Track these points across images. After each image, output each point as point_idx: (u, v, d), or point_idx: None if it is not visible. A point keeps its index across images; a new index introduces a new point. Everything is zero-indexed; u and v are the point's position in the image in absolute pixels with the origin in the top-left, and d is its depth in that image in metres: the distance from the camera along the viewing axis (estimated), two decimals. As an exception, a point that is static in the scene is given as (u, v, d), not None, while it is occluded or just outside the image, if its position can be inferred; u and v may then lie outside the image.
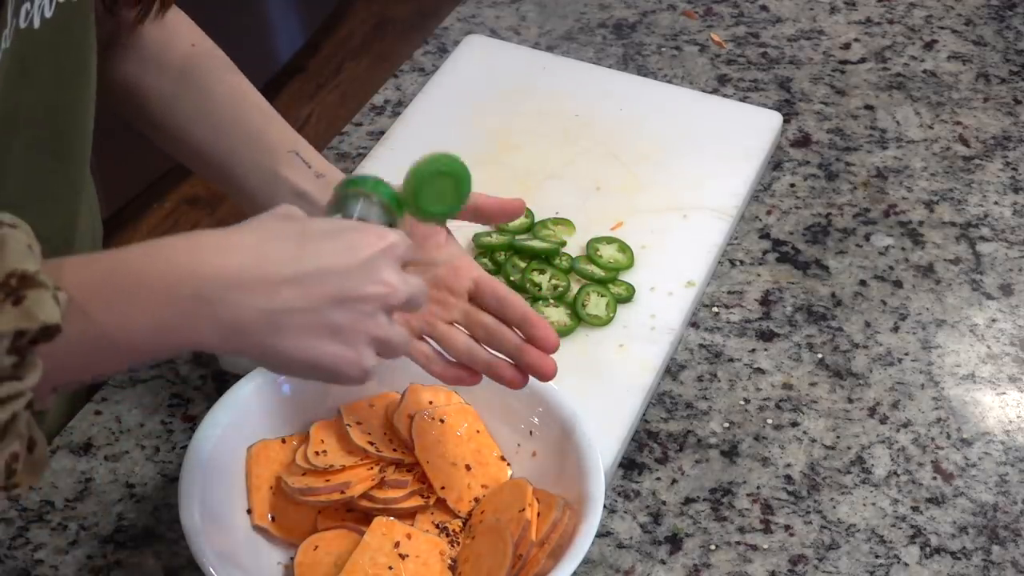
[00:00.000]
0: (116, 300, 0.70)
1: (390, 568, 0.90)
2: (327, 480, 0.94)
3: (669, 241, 1.20)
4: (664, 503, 1.03)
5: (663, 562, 0.99)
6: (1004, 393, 1.12)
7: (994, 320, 1.18)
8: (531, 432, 0.98)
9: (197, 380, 1.10)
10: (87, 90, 0.90)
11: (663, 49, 1.46)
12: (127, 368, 0.72)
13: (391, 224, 0.85)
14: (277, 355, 0.73)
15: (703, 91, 1.40)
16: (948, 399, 1.11)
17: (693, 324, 1.16)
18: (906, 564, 0.99)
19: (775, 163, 1.33)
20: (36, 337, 0.64)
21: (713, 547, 1.00)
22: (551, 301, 1.13)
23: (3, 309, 0.63)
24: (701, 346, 1.14)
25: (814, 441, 1.08)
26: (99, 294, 0.69)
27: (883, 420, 1.09)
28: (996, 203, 1.30)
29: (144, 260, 0.72)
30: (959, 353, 1.15)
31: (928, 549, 1.00)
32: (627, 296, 1.15)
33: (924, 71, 1.45)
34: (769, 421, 1.09)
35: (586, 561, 0.95)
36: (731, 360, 1.13)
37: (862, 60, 1.46)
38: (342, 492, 0.93)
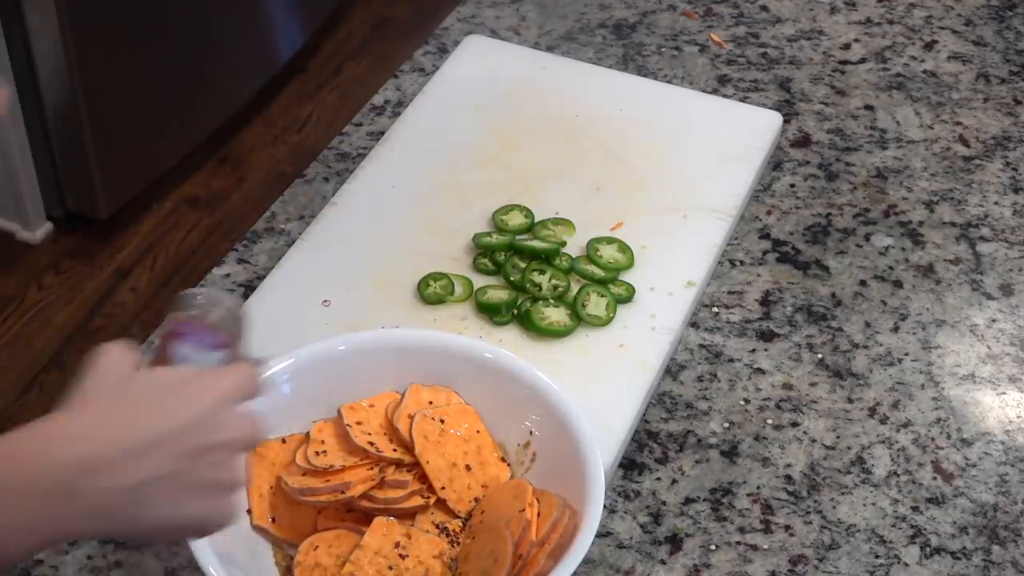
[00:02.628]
0: None
1: (390, 568, 0.90)
2: (327, 480, 0.94)
3: (669, 241, 1.20)
4: (664, 503, 1.03)
5: (663, 562, 0.99)
6: (1004, 393, 1.12)
7: (994, 320, 1.18)
8: (531, 432, 0.98)
9: (197, 380, 1.09)
10: None
11: (663, 49, 1.46)
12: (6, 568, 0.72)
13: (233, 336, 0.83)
14: (146, 527, 0.73)
15: (703, 91, 1.40)
16: (948, 399, 1.11)
17: (693, 324, 1.16)
18: (906, 564, 0.99)
19: (775, 163, 1.33)
20: None
21: (713, 547, 1.00)
22: (551, 301, 1.13)
23: None
24: (701, 346, 1.15)
25: (814, 441, 1.08)
26: None
27: (883, 420, 1.09)
28: (996, 203, 1.30)
29: (3, 459, 0.70)
30: (959, 353, 1.15)
31: (928, 549, 1.00)
32: (627, 296, 1.15)
33: (924, 71, 1.45)
34: (769, 421, 1.09)
35: (586, 561, 0.95)
36: (731, 360, 1.13)
37: (862, 60, 1.46)
38: (342, 492, 0.93)
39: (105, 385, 0.75)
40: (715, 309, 1.18)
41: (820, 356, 1.14)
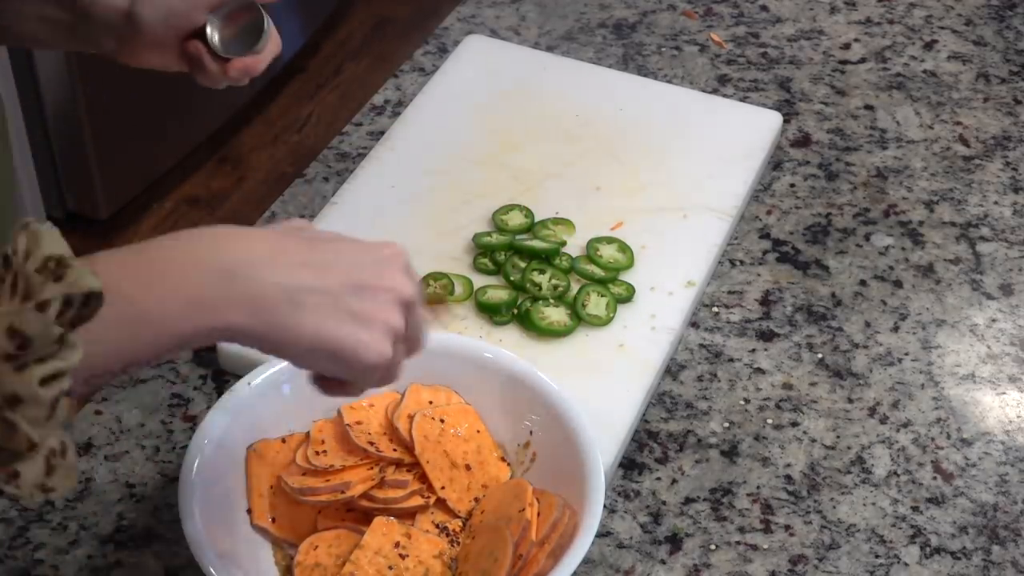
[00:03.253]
0: (147, 280, 0.72)
1: (390, 568, 0.90)
2: (327, 480, 0.94)
3: (669, 241, 1.20)
4: (664, 503, 1.03)
5: (663, 562, 0.99)
6: (1004, 393, 1.12)
7: (994, 320, 1.18)
8: (531, 432, 0.98)
9: (197, 380, 1.10)
10: None
11: (663, 49, 1.46)
12: (160, 358, 0.73)
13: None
14: (298, 334, 0.74)
15: (703, 91, 1.40)
16: (948, 399, 1.11)
17: (693, 324, 1.16)
18: (906, 564, 0.99)
19: (775, 163, 1.33)
20: (78, 314, 0.65)
21: (713, 547, 1.00)
22: (551, 301, 1.13)
23: (46, 286, 0.65)
24: (701, 346, 1.14)
25: (814, 441, 1.08)
26: (131, 276, 0.72)
27: (883, 420, 1.09)
28: (996, 203, 1.30)
29: (172, 244, 0.74)
30: (959, 353, 1.15)
31: (928, 549, 1.00)
32: (627, 296, 1.15)
33: (924, 71, 1.45)
34: (769, 421, 1.09)
35: (586, 561, 0.95)
36: (731, 360, 1.13)
37: (862, 60, 1.46)
38: (342, 492, 0.93)
39: (284, 228, 0.80)
40: (715, 309, 1.18)
41: (820, 356, 1.14)
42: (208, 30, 1.00)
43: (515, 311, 1.13)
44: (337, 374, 0.79)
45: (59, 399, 0.65)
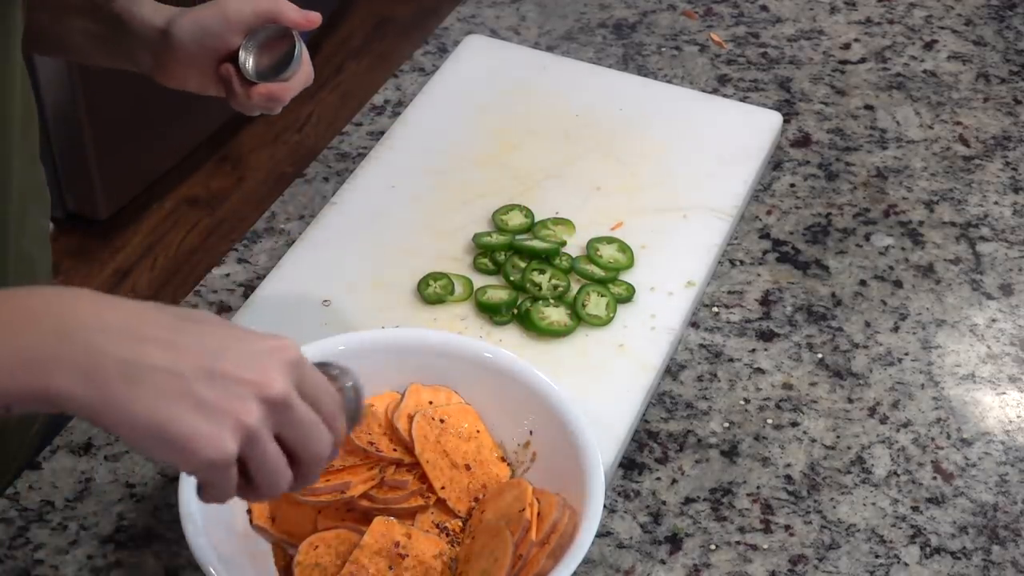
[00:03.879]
0: None
1: (390, 568, 0.90)
2: (327, 480, 0.94)
3: (669, 241, 1.20)
4: (664, 503, 1.03)
5: (663, 562, 0.99)
6: (1004, 393, 1.12)
7: (994, 320, 1.18)
8: (531, 432, 0.98)
9: (197, 380, 1.09)
10: None
11: (663, 49, 1.46)
12: None
13: (354, 412, 0.80)
14: (130, 413, 0.67)
15: (703, 91, 1.40)
16: (948, 399, 1.11)
17: (693, 324, 1.16)
18: (906, 564, 0.99)
19: (775, 163, 1.33)
20: None
21: (713, 547, 1.00)
22: (551, 301, 1.13)
23: None
24: (701, 346, 1.15)
25: (814, 441, 1.08)
26: None
27: (883, 420, 1.09)
28: (996, 203, 1.30)
29: (19, 295, 0.69)
30: (959, 353, 1.15)
31: (928, 549, 1.00)
32: (627, 296, 1.15)
33: (924, 71, 1.45)
34: (769, 421, 1.09)
35: (586, 561, 0.95)
36: (731, 360, 1.13)
37: (862, 60, 1.46)
38: (342, 492, 0.93)
39: (173, 310, 0.72)
40: (715, 309, 1.18)
41: (820, 356, 1.14)
42: (241, 54, 1.00)
43: (515, 311, 1.13)
44: (176, 466, 0.71)
45: None
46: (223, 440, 0.67)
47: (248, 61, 1.01)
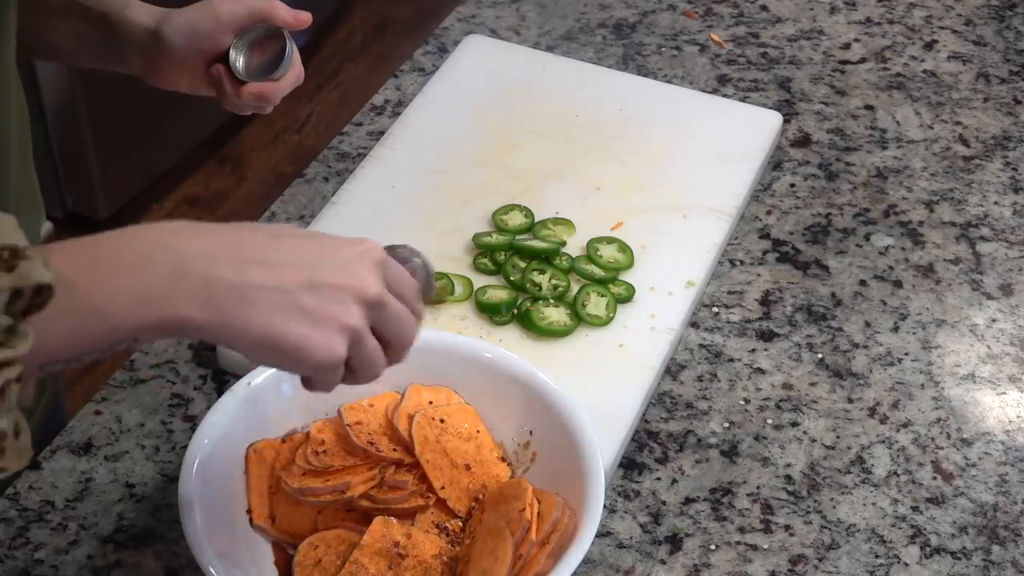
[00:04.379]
0: (99, 271, 0.72)
1: (390, 568, 0.90)
2: (327, 480, 0.94)
3: (669, 241, 1.20)
4: (664, 503, 1.03)
5: (663, 562, 0.99)
6: (1004, 393, 1.12)
7: (994, 320, 1.18)
8: (531, 432, 0.98)
9: (197, 380, 1.10)
10: None
11: (663, 49, 1.46)
12: (114, 348, 0.73)
13: (427, 290, 0.86)
14: (246, 330, 0.73)
15: (703, 91, 1.40)
16: (948, 399, 1.11)
17: (693, 324, 1.16)
18: (906, 564, 0.99)
19: (775, 163, 1.33)
20: (29, 304, 0.66)
21: (713, 547, 1.00)
22: (551, 301, 1.13)
23: None
24: (701, 346, 1.14)
25: (814, 441, 1.08)
26: (84, 267, 0.71)
27: (883, 420, 1.09)
28: (996, 203, 1.30)
29: (125, 237, 0.74)
30: (959, 353, 1.15)
31: (928, 549, 1.00)
32: (627, 296, 1.15)
33: (924, 71, 1.45)
34: (769, 421, 1.09)
35: (586, 561, 0.95)
36: (731, 360, 1.13)
37: (862, 60, 1.46)
38: (342, 492, 0.93)
39: (257, 225, 0.78)
40: (715, 309, 1.18)
41: (820, 356, 1.14)
42: (231, 54, 1.00)
43: (515, 311, 1.13)
44: (290, 371, 0.77)
45: (9, 386, 0.65)
46: (333, 343, 0.74)
47: (239, 60, 1.01)
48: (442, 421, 0.98)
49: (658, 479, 1.04)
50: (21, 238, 0.67)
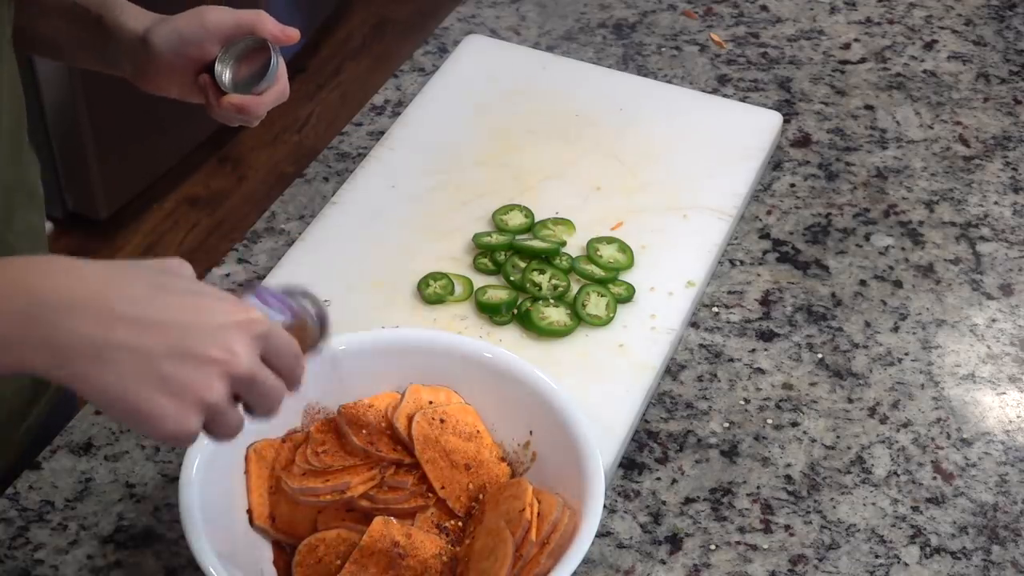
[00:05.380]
0: None
1: (390, 568, 0.90)
2: (327, 480, 0.94)
3: (669, 241, 1.20)
4: (664, 503, 1.03)
5: (663, 562, 0.99)
6: (1004, 393, 1.12)
7: (994, 320, 1.18)
8: (531, 432, 0.98)
9: (197, 380, 1.09)
10: None
11: (663, 49, 1.46)
12: None
13: (311, 341, 0.83)
14: (98, 390, 0.70)
15: (703, 91, 1.40)
16: (948, 399, 1.11)
17: (693, 324, 1.16)
18: (906, 564, 0.99)
19: (775, 163, 1.33)
20: None
21: (713, 547, 1.00)
22: (551, 301, 1.13)
23: None
24: (701, 346, 1.14)
25: (814, 441, 1.08)
26: None
27: (883, 420, 1.09)
28: (996, 203, 1.30)
29: None
30: (959, 353, 1.15)
31: (928, 549, 1.00)
32: (627, 296, 1.15)
33: (924, 71, 1.45)
34: (769, 421, 1.09)
35: (586, 561, 0.95)
36: (731, 360, 1.13)
37: (862, 60, 1.46)
38: (342, 492, 0.93)
39: (148, 266, 0.74)
40: (715, 309, 1.18)
41: (820, 356, 1.14)
42: (217, 65, 1.00)
43: (515, 311, 1.13)
44: (142, 434, 0.74)
45: None
46: (186, 418, 0.71)
47: (224, 72, 1.01)
48: (442, 421, 0.98)
49: (658, 479, 1.04)
50: None
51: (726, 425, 1.08)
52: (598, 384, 1.07)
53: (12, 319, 0.69)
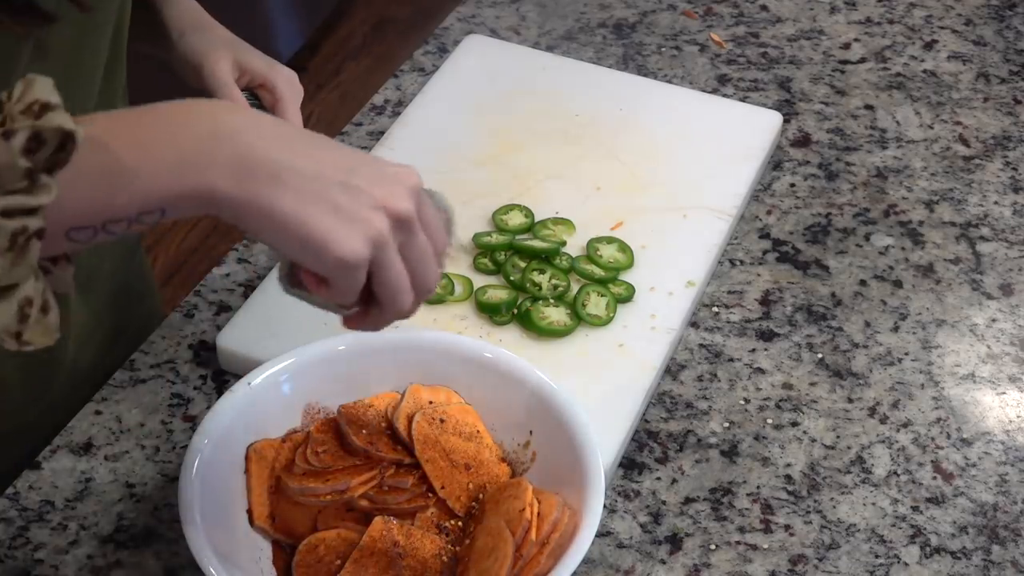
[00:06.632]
0: (136, 134, 0.71)
1: (390, 568, 0.90)
2: (327, 480, 0.94)
3: (669, 241, 1.20)
4: (664, 503, 1.03)
5: (663, 562, 0.99)
6: (1004, 393, 1.12)
7: (994, 320, 1.18)
8: (531, 432, 0.98)
9: (197, 380, 1.10)
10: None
11: (663, 49, 1.46)
12: (140, 219, 0.72)
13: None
14: (274, 210, 0.72)
15: (703, 91, 1.40)
16: (948, 399, 1.11)
17: (693, 324, 1.16)
18: (906, 564, 0.99)
19: (775, 163, 1.33)
20: (54, 156, 0.65)
21: (713, 547, 1.00)
22: (551, 301, 1.13)
23: (22, 122, 0.65)
24: (701, 346, 1.15)
25: (814, 441, 1.08)
26: (122, 129, 0.71)
27: (883, 420, 1.09)
28: (996, 203, 1.30)
29: (171, 105, 0.73)
30: (959, 353, 1.15)
31: (928, 549, 1.00)
32: (627, 296, 1.15)
33: (924, 71, 1.45)
34: (769, 421, 1.09)
35: (586, 561, 0.95)
36: (731, 360, 1.13)
37: (862, 60, 1.46)
38: (342, 492, 0.93)
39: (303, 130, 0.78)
40: (715, 309, 1.18)
41: (820, 356, 1.14)
42: None
43: (515, 311, 1.13)
44: (310, 266, 0.75)
45: (28, 238, 0.65)
46: (356, 241, 0.73)
47: None
48: (442, 421, 0.98)
49: (658, 479, 1.04)
50: (54, 96, 0.66)
51: (726, 425, 1.08)
52: (598, 384, 1.07)
53: (199, 139, 0.71)
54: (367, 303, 0.79)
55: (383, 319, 0.80)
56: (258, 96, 1.08)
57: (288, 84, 1.08)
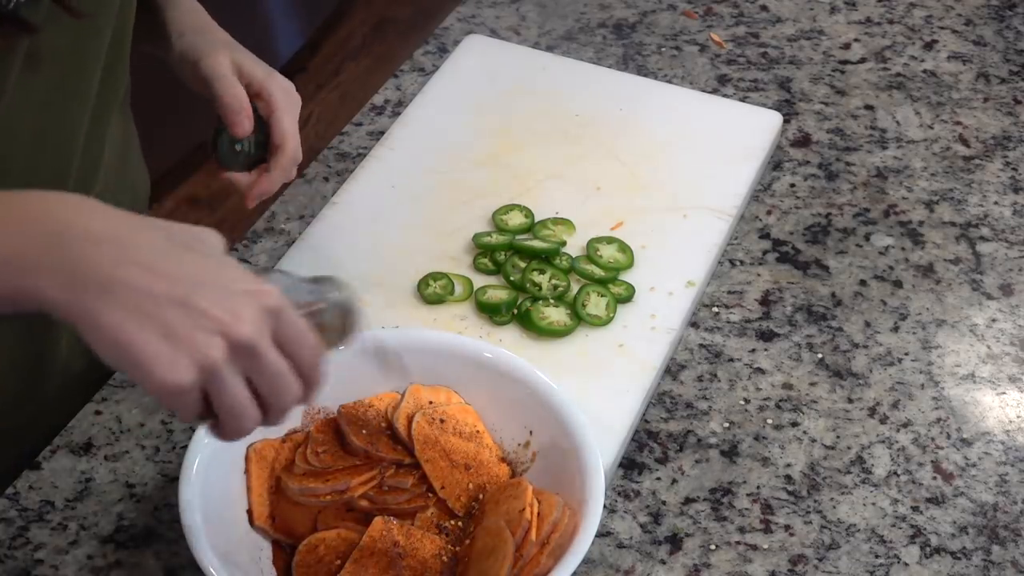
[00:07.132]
0: None
1: (390, 568, 0.90)
2: (327, 480, 0.94)
3: (669, 241, 1.20)
4: (664, 503, 1.03)
5: (663, 562, 0.99)
6: (1004, 393, 1.12)
7: (994, 320, 1.18)
8: (531, 432, 0.98)
9: (197, 380, 1.10)
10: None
11: (663, 49, 1.46)
12: None
13: (342, 331, 0.80)
14: (98, 324, 0.69)
15: (703, 91, 1.40)
16: (948, 399, 1.11)
17: (693, 324, 1.16)
18: (906, 564, 0.99)
19: (775, 163, 1.33)
20: None
21: (713, 547, 1.00)
22: (551, 301, 1.13)
23: None
24: (701, 346, 1.15)
25: (814, 441, 1.08)
26: None
27: (883, 420, 1.09)
28: (996, 203, 1.30)
29: (19, 197, 0.72)
30: (959, 353, 1.15)
31: (928, 549, 1.00)
32: (627, 296, 1.15)
33: (924, 71, 1.45)
34: (769, 421, 1.09)
35: (586, 561, 0.95)
36: (731, 360, 1.13)
37: (862, 60, 1.46)
38: (342, 492, 0.93)
39: (180, 226, 0.74)
40: (715, 309, 1.18)
41: (820, 356, 1.14)
42: (219, 136, 1.04)
43: (515, 311, 1.13)
44: (136, 381, 0.71)
45: None
46: (180, 368, 0.69)
47: (223, 145, 1.04)
48: (442, 421, 0.98)
49: (658, 479, 1.04)
50: None
51: (726, 425, 1.08)
52: (598, 384, 1.07)
53: (36, 242, 0.69)
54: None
55: (226, 434, 0.74)
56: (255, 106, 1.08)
57: (285, 94, 1.06)
